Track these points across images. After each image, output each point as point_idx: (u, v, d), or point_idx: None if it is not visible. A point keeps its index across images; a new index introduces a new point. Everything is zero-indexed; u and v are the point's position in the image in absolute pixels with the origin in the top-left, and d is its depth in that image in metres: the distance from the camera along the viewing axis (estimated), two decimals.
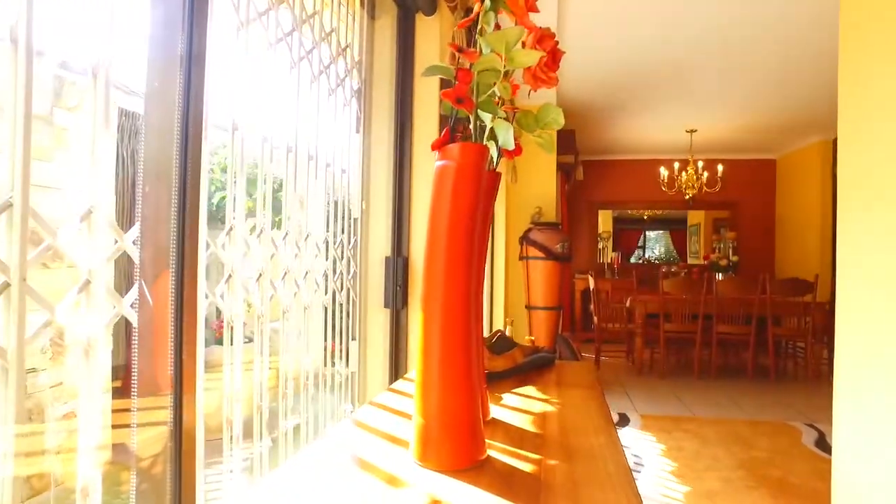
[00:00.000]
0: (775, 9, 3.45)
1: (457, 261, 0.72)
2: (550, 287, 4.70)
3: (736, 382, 5.22)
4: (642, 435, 3.63)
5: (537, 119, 0.91)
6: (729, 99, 5.51)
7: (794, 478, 2.93)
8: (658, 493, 2.72)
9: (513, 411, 1.04)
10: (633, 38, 4.02)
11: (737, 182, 8.18)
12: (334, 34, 1.75)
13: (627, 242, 9.03)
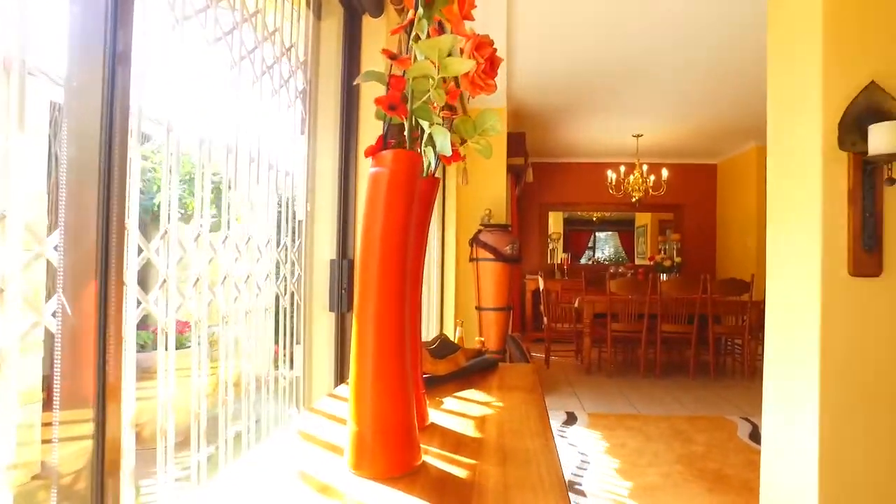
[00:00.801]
0: (709, 19, 3.60)
1: (390, 267, 0.72)
2: (500, 288, 4.76)
3: (679, 379, 5.40)
4: (589, 433, 3.71)
5: (476, 125, 0.92)
6: (672, 105, 5.70)
7: (728, 469, 3.06)
8: (602, 490, 2.78)
9: (452, 416, 1.05)
10: (580, 46, 4.12)
11: (681, 185, 8.48)
12: (278, 34, 1.72)
13: (578, 243, 9.21)
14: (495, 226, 4.88)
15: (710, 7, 3.42)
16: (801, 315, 2.00)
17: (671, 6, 3.42)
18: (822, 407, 1.89)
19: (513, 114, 6.02)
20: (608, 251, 9.30)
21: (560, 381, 5.35)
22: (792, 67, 2.08)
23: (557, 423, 3.94)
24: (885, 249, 1.85)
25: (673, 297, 5.51)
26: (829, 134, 1.86)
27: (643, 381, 5.35)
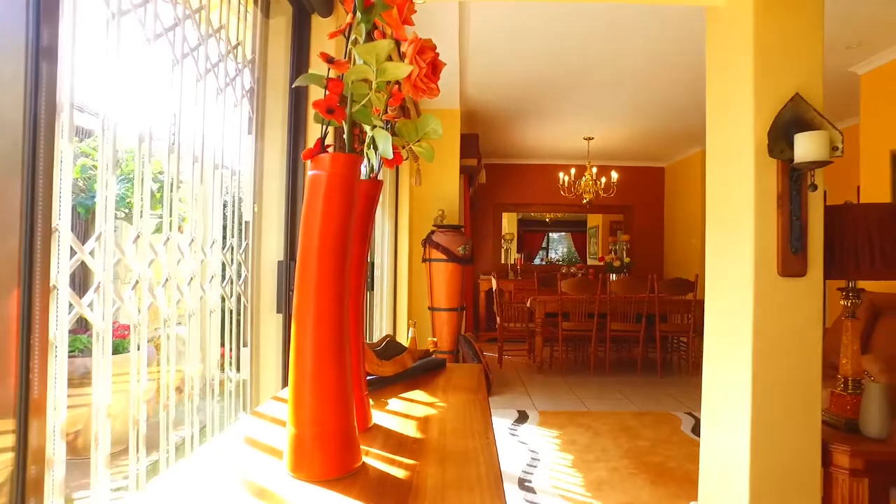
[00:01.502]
0: (654, 30, 3.72)
1: (328, 269, 0.72)
2: (452, 288, 4.78)
3: (627, 377, 5.55)
4: (540, 431, 3.78)
5: (418, 128, 0.92)
6: (621, 110, 5.86)
7: (671, 462, 3.17)
8: (551, 486, 2.84)
9: (396, 416, 1.06)
10: (531, 51, 4.18)
11: (630, 187, 8.72)
12: (224, 31, 1.68)
13: (532, 244, 9.34)
14: (448, 226, 4.90)
15: (654, 20, 3.54)
16: (735, 312, 2.10)
17: (618, 17, 3.51)
18: (754, 395, 1.99)
19: (466, 115, 6.06)
20: (561, 251, 9.47)
21: (512, 379, 5.42)
22: (727, 80, 2.18)
23: (509, 421, 3.99)
24: (809, 251, 1.96)
25: (622, 297, 5.66)
26: (760, 142, 1.95)
27: (593, 378, 5.47)
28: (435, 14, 3.44)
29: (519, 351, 6.56)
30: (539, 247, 9.43)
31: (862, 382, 2.09)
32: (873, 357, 2.93)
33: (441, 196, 5.42)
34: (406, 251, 5.16)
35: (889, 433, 2.00)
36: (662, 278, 7.24)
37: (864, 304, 3.67)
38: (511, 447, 3.44)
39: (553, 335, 5.82)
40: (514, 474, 3.01)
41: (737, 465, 2.07)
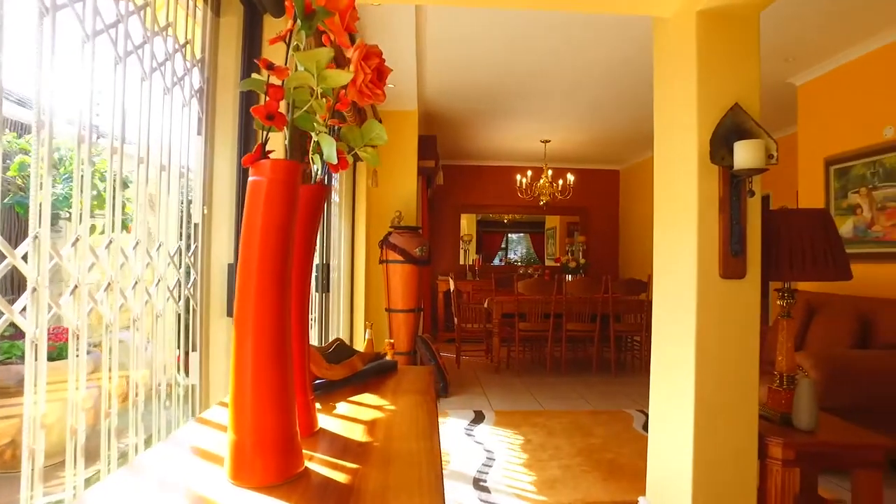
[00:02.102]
0: (607, 39, 3.83)
1: (269, 276, 0.72)
2: (409, 290, 4.79)
3: (582, 376, 5.67)
4: (495, 430, 3.82)
5: (363, 134, 0.93)
6: (577, 114, 5.98)
7: (623, 459, 3.26)
8: (505, 485, 2.88)
9: (343, 420, 1.06)
10: (489, 54, 4.23)
11: (586, 190, 8.91)
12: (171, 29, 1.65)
13: (491, 245, 9.42)
14: (406, 228, 4.91)
15: (608, 28, 3.63)
16: (680, 312, 2.18)
17: (571, 24, 3.59)
18: (697, 393, 2.07)
19: (424, 117, 6.08)
20: (521, 252, 9.58)
21: (470, 380, 5.46)
22: (673, 88, 2.26)
23: (466, 421, 4.02)
24: (748, 254, 2.05)
25: (577, 297, 5.77)
26: (703, 149, 2.04)
27: (549, 378, 5.57)
28: (392, 17, 3.44)
29: (477, 351, 6.61)
30: (498, 248, 9.52)
31: (796, 378, 2.20)
32: (807, 353, 3.09)
33: (398, 197, 5.42)
34: (363, 252, 5.14)
35: (817, 425, 2.12)
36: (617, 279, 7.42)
37: (800, 304, 3.85)
38: (467, 447, 3.47)
39: (510, 335, 5.89)
40: (470, 474, 3.04)
41: (681, 459, 2.15)
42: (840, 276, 2.11)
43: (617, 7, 2.27)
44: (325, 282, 4.11)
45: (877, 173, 3.83)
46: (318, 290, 3.96)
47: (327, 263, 4.19)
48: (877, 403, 2.99)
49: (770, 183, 6.16)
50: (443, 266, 8.70)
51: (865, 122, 3.94)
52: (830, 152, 4.26)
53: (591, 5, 2.26)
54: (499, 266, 9.20)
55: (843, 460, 2.13)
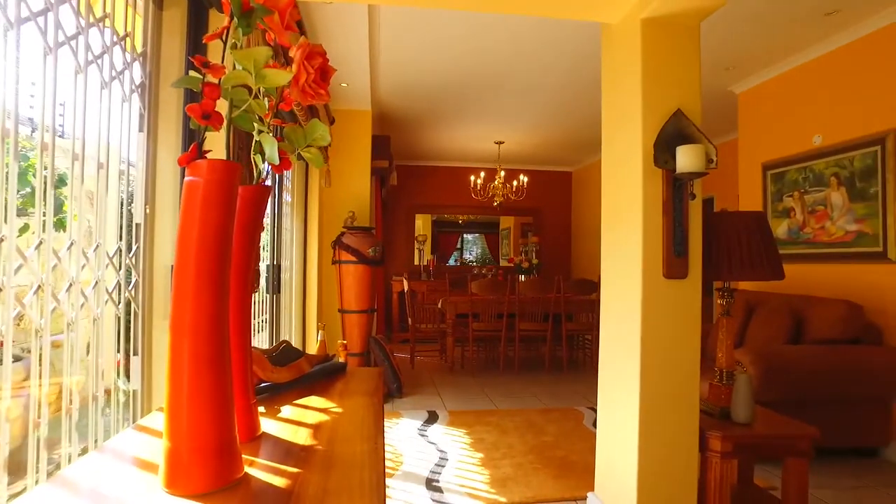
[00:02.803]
0: (558, 45, 3.90)
1: (206, 280, 0.71)
2: (363, 291, 4.76)
3: (535, 375, 5.75)
4: (449, 430, 3.83)
5: (306, 135, 0.92)
6: (530, 116, 6.06)
7: (574, 456, 3.33)
8: (458, 485, 2.89)
9: (288, 424, 1.04)
10: (443, 56, 4.24)
11: (540, 191, 9.04)
12: (108, 20, 1.59)
13: (446, 245, 9.44)
14: (359, 228, 4.87)
15: (562, 32, 3.70)
16: (626, 312, 2.24)
17: (526, 27, 3.64)
18: (642, 389, 2.13)
19: (379, 117, 6.04)
20: (476, 252, 9.64)
21: (424, 380, 5.46)
22: (619, 93, 2.32)
23: (419, 422, 4.02)
24: (690, 255, 2.12)
25: (530, 297, 5.86)
26: (647, 153, 2.10)
27: (502, 377, 5.63)
28: (344, 17, 3.41)
29: (431, 352, 6.62)
30: (453, 248, 9.55)
31: (735, 374, 2.29)
32: (746, 350, 3.22)
33: (352, 197, 5.37)
34: (316, 253, 5.07)
35: (753, 418, 2.22)
36: (570, 279, 7.56)
37: (740, 302, 4.02)
38: (420, 448, 3.47)
39: (464, 335, 5.92)
40: (423, 475, 3.04)
41: (627, 454, 2.21)
42: (774, 276, 2.21)
43: (564, 12, 2.31)
44: (275, 283, 4.04)
45: (807, 178, 4.04)
46: (268, 292, 3.88)
47: (278, 264, 4.12)
48: (807, 395, 3.15)
49: (714, 186, 6.40)
50: (397, 266, 8.68)
51: (798, 129, 4.15)
52: (767, 157, 4.46)
53: (538, 9, 2.30)
54: (453, 266, 9.23)
55: (775, 450, 2.23)
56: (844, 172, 3.74)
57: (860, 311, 3.35)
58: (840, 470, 3.19)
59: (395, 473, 3.05)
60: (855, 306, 3.35)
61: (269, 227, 3.85)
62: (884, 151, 3.43)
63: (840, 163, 3.77)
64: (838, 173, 3.79)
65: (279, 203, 4.06)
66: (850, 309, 3.33)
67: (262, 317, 3.77)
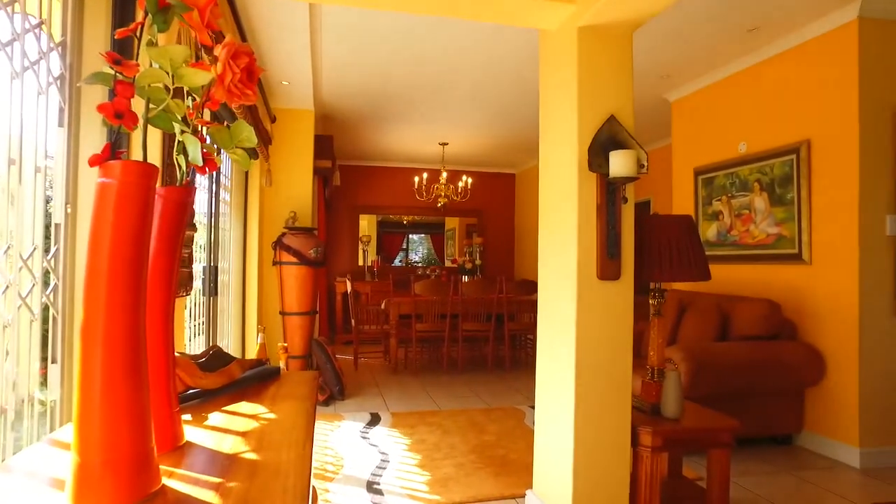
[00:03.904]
0: (498, 49, 3.95)
1: (120, 286, 0.68)
2: (304, 292, 4.68)
3: (478, 374, 5.81)
4: (391, 432, 3.82)
5: (232, 136, 0.90)
6: (475, 118, 6.11)
7: (514, 454, 3.38)
8: (399, 487, 2.89)
9: (214, 432, 1.01)
10: (386, 57, 4.22)
11: (484, 192, 9.14)
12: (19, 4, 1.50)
13: (391, 245, 9.40)
14: (300, 229, 4.78)
15: (502, 39, 3.75)
16: (561, 312, 2.30)
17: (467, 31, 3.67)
18: (577, 387, 2.19)
19: (322, 117, 5.96)
20: (422, 253, 9.64)
21: (367, 382, 5.42)
22: (556, 98, 2.38)
23: (362, 424, 3.99)
24: (622, 256, 2.20)
25: (473, 298, 5.91)
26: (582, 157, 2.16)
27: (446, 377, 5.65)
28: (285, 16, 3.34)
29: (375, 353, 6.58)
30: (399, 248, 9.52)
31: (665, 371, 2.39)
32: (678, 347, 3.36)
33: (293, 197, 5.27)
34: (256, 254, 4.95)
35: (682, 413, 2.32)
36: (513, 279, 7.68)
37: (673, 302, 4.19)
38: (362, 450, 3.44)
39: (408, 336, 5.91)
40: (364, 477, 3.01)
41: (563, 451, 2.27)
42: (701, 277, 2.32)
43: (504, 18, 2.35)
44: (212, 285, 3.91)
45: (734, 183, 4.26)
46: (205, 294, 3.76)
47: (216, 266, 3.99)
48: (733, 389, 3.32)
49: (651, 189, 6.65)
50: (341, 267, 8.58)
51: (725, 137, 4.36)
52: (698, 163, 4.67)
53: (477, 14, 2.32)
54: (398, 267, 9.20)
55: (701, 443, 2.34)
56: (766, 179, 3.96)
57: (779, 309, 3.56)
58: (760, 457, 3.38)
59: (335, 477, 3.02)
60: (774, 305, 3.55)
61: (206, 227, 3.72)
62: (798, 160, 3.65)
63: (762, 169, 3.99)
64: (760, 179, 4.01)
65: (217, 202, 3.94)
66: (770, 307, 3.53)
67: (199, 320, 3.64)
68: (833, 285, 3.44)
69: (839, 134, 3.41)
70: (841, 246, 3.40)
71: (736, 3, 3.30)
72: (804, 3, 3.31)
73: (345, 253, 8.73)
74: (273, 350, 4.72)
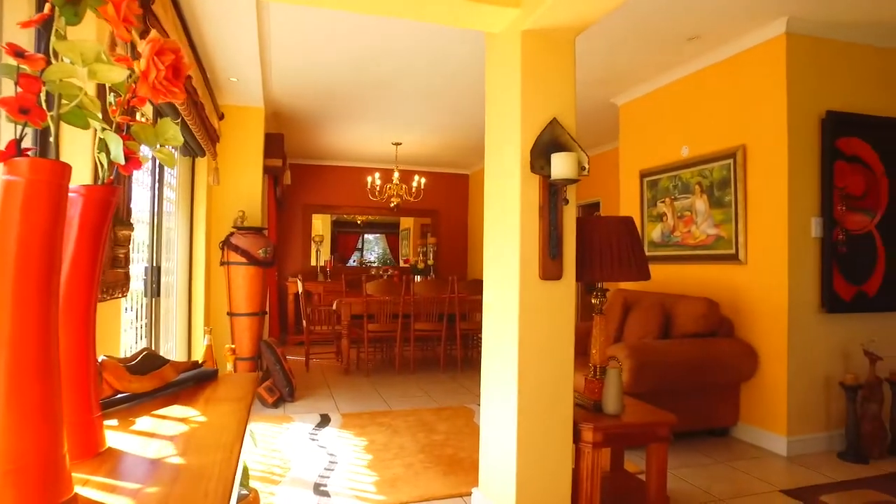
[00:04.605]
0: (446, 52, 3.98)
1: (26, 288, 0.66)
2: (253, 293, 4.60)
3: (430, 374, 5.82)
4: (341, 433, 3.79)
5: (157, 134, 0.88)
6: (429, 118, 6.12)
7: (463, 453, 3.41)
8: (347, 488, 2.87)
9: (140, 436, 0.99)
10: (339, 56, 4.18)
11: (437, 193, 9.16)
12: None
13: (346, 245, 9.32)
14: (249, 228, 4.69)
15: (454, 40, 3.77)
16: (505, 312, 2.33)
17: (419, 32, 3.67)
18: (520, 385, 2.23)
19: (272, 115, 5.86)
20: (377, 253, 9.60)
21: (318, 383, 5.36)
22: (501, 100, 2.41)
23: (311, 425, 3.95)
24: (564, 257, 2.25)
25: (425, 298, 5.92)
26: (525, 159, 2.20)
27: (398, 377, 5.65)
28: (230, 12, 3.28)
29: (327, 354, 6.51)
30: (354, 248, 9.44)
31: (607, 369, 2.46)
32: (622, 345, 3.47)
33: (242, 196, 5.15)
34: (203, 254, 4.81)
35: (623, 409, 2.39)
36: (466, 279, 7.73)
37: (619, 300, 4.31)
38: (310, 452, 3.40)
39: (360, 337, 5.88)
40: (311, 480, 2.98)
41: (507, 448, 2.30)
42: (640, 277, 2.39)
43: (450, 19, 2.37)
44: (155, 286, 3.79)
45: (677, 186, 4.41)
46: (146, 295, 3.64)
47: (159, 266, 3.87)
48: (674, 385, 3.44)
49: (600, 191, 6.82)
50: (293, 267, 8.45)
51: (669, 141, 4.52)
52: (644, 166, 4.81)
53: (423, 15, 2.33)
54: (351, 267, 9.13)
55: (640, 437, 2.42)
56: (706, 182, 4.12)
57: (717, 307, 3.71)
58: (698, 449, 3.52)
59: (281, 480, 2.97)
60: (713, 303, 3.70)
61: (149, 226, 3.61)
62: (735, 164, 3.82)
63: (702, 173, 4.15)
64: (701, 182, 4.17)
65: (160, 201, 3.82)
66: (708, 306, 3.68)
67: (140, 322, 3.53)
68: (765, 284, 3.61)
69: (771, 140, 3.59)
70: (772, 247, 3.57)
71: (675, 14, 3.42)
72: (737, 17, 3.46)
73: (297, 253, 8.60)
74: (220, 352, 4.60)
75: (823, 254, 3.55)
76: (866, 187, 3.70)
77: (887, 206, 3.74)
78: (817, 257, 3.54)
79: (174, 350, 4.39)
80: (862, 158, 3.68)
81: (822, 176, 3.56)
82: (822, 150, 3.56)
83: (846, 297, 3.59)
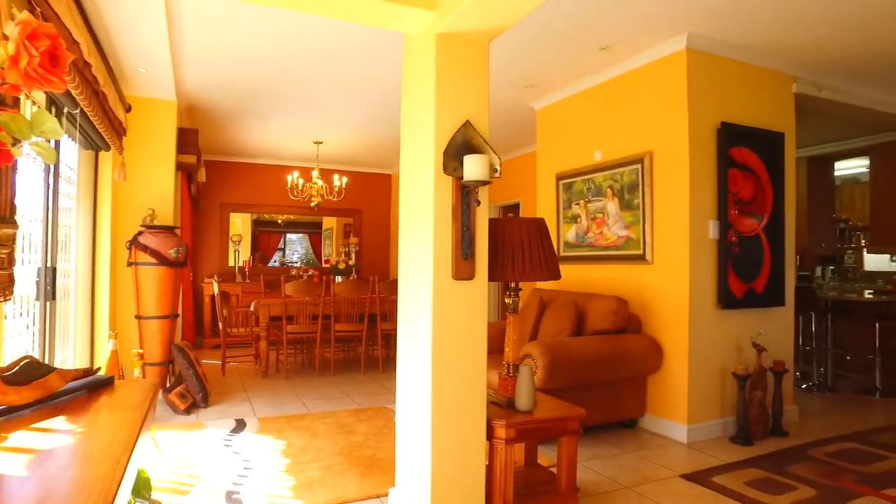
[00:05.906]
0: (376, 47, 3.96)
1: None
2: (164, 294, 4.38)
3: (351, 375, 5.77)
4: (257, 438, 3.69)
5: (33, 126, 0.83)
6: (351, 118, 6.05)
7: (381, 454, 3.40)
8: (261, 494, 2.80)
9: (15, 453, 0.92)
10: (257, 52, 4.06)
11: (360, 192, 9.08)
12: None
13: (267, 245, 9.04)
14: (160, 227, 4.47)
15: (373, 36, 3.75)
16: (419, 312, 2.36)
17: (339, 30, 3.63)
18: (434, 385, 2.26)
19: (187, 109, 5.60)
20: (300, 253, 9.37)
21: (234, 387, 5.18)
22: (416, 102, 2.43)
23: (225, 431, 3.81)
24: (476, 257, 2.30)
25: (345, 298, 5.86)
26: (439, 161, 2.23)
27: (318, 379, 5.55)
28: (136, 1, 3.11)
29: (245, 357, 6.30)
30: (275, 248, 9.18)
31: (519, 367, 2.53)
32: (536, 343, 3.58)
33: (152, 194, 4.88)
34: (108, 254, 4.52)
35: (535, 406, 2.47)
36: (388, 279, 7.70)
37: (535, 299, 4.45)
38: (223, 459, 3.28)
39: (279, 339, 5.74)
40: (223, 488, 2.88)
41: (421, 447, 2.32)
42: (551, 277, 2.48)
43: (367, 19, 2.36)
44: (49, 288, 3.53)
45: (591, 189, 4.61)
46: (38, 299, 3.38)
47: (54, 267, 3.61)
48: (587, 380, 3.59)
49: (520, 192, 6.99)
50: (210, 268, 8.11)
51: (583, 145, 4.71)
52: (560, 169, 4.99)
53: (336, 12, 2.31)
54: (272, 268, 8.88)
55: (552, 432, 2.51)
56: (617, 185, 4.33)
57: (626, 305, 3.91)
58: (608, 441, 3.70)
59: (190, 490, 2.85)
60: (622, 301, 3.89)
61: (41, 224, 3.35)
62: (643, 169, 4.04)
63: (614, 177, 4.36)
64: (613, 186, 4.37)
65: (55, 197, 3.56)
66: (618, 304, 3.87)
67: (30, 327, 3.27)
68: (669, 283, 3.85)
69: (674, 147, 3.82)
70: (675, 248, 3.80)
71: (586, 24, 3.57)
72: (642, 30, 3.66)
73: (214, 253, 8.27)
74: (127, 357, 4.35)
75: (720, 254, 3.82)
76: (755, 193, 4.02)
77: (772, 211, 4.09)
78: (714, 257, 3.81)
79: (72, 357, 4.10)
80: (750, 167, 4.00)
81: (719, 182, 3.83)
82: (718, 158, 3.83)
83: (738, 294, 3.89)
